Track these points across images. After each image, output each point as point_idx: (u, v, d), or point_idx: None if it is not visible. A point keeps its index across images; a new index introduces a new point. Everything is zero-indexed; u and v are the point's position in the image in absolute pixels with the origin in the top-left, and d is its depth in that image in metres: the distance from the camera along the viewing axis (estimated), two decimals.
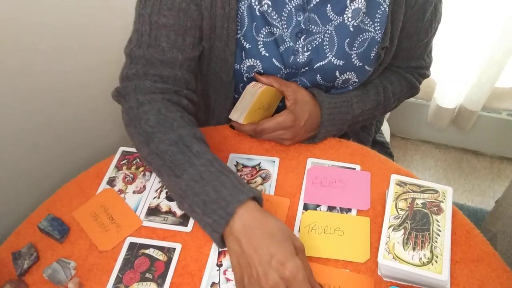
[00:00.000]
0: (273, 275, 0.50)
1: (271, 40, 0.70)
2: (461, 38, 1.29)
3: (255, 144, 0.77)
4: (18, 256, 0.62)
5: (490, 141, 1.64)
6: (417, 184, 0.62)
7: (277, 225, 0.55)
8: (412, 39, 0.76)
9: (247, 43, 0.70)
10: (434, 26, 0.76)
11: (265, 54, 0.71)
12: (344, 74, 0.73)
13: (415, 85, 0.85)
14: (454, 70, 1.37)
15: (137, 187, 0.71)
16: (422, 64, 0.84)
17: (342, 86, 0.77)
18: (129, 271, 0.61)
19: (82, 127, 1.17)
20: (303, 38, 0.70)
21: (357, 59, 0.72)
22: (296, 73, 0.74)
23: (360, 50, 0.71)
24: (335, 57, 0.71)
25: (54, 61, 1.02)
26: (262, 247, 0.52)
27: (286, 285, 0.50)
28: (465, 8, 1.24)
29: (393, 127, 1.21)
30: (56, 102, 1.06)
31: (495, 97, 1.49)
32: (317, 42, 0.70)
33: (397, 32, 0.71)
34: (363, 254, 0.61)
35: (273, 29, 0.69)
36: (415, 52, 0.80)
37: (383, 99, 0.79)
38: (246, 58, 0.72)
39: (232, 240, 0.55)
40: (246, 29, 0.70)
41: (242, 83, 0.77)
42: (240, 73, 0.74)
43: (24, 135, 0.98)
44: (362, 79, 0.77)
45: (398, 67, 0.84)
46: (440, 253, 0.55)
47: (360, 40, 0.70)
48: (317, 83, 0.75)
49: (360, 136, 0.91)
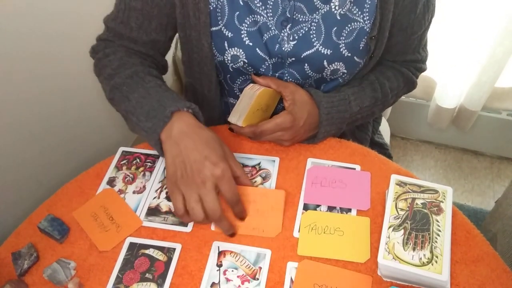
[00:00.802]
0: (205, 172, 0.59)
1: (255, 29, 0.71)
2: (461, 38, 1.29)
3: (255, 144, 0.77)
4: (18, 256, 0.62)
5: (490, 141, 1.64)
6: (417, 184, 0.62)
7: (210, 134, 0.63)
8: (405, 32, 0.76)
9: (229, 32, 0.71)
10: (427, 19, 0.76)
11: (249, 43, 0.71)
12: (333, 64, 0.73)
13: (412, 79, 0.85)
14: (454, 70, 1.37)
15: (137, 187, 0.71)
16: (418, 57, 0.84)
17: (331, 78, 0.76)
18: (129, 271, 0.61)
19: (82, 128, 1.17)
20: (289, 27, 0.70)
21: (346, 49, 0.72)
22: (283, 64, 0.74)
23: (349, 40, 0.71)
24: (322, 46, 0.71)
25: (55, 63, 1.02)
26: (198, 149, 0.61)
27: (215, 181, 0.59)
28: (465, 8, 1.24)
29: (393, 127, 1.21)
30: (56, 103, 1.06)
31: (495, 97, 1.49)
32: (303, 31, 0.70)
33: (387, 24, 0.71)
34: (363, 254, 0.61)
35: (257, 17, 0.70)
36: (410, 46, 0.80)
37: (380, 95, 0.79)
38: (229, 47, 0.72)
39: (170, 143, 0.62)
40: (227, 18, 0.70)
41: (229, 74, 0.78)
42: (225, 64, 0.75)
43: (24, 136, 0.98)
44: (352, 71, 0.76)
45: (394, 62, 0.84)
46: (440, 253, 0.55)
47: (348, 30, 0.70)
48: (306, 74, 0.75)
49: (357, 135, 0.91)
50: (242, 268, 0.60)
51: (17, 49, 0.92)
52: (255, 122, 0.74)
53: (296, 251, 0.62)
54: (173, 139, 0.62)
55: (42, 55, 0.99)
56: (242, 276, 0.60)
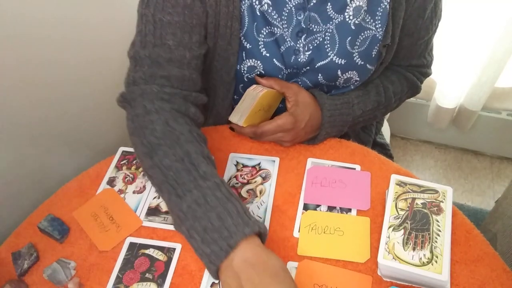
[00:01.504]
0: None
1: (272, 40, 0.70)
2: (462, 38, 1.29)
3: (255, 144, 0.77)
4: (18, 256, 0.62)
5: (490, 141, 1.64)
6: (417, 184, 0.62)
7: (279, 264, 0.51)
8: (412, 37, 0.75)
9: (248, 43, 0.70)
10: (435, 23, 0.75)
11: (266, 54, 0.70)
12: (346, 73, 0.73)
13: (416, 84, 0.85)
14: (454, 70, 1.37)
15: (137, 187, 0.71)
16: (423, 62, 0.83)
17: (344, 85, 0.76)
18: (129, 271, 0.61)
19: (82, 127, 1.16)
20: (304, 38, 0.69)
21: (359, 58, 0.72)
22: (297, 73, 0.74)
23: (362, 49, 0.71)
24: (336, 56, 0.71)
25: (54, 61, 1.02)
26: (263, 285, 0.48)
27: None
28: (465, 8, 1.24)
29: (393, 127, 1.21)
30: (56, 102, 1.06)
31: (495, 97, 1.49)
32: (318, 41, 0.70)
33: (398, 30, 0.71)
34: (363, 254, 0.61)
35: (274, 29, 0.69)
36: (416, 50, 0.80)
37: (384, 99, 0.79)
38: (246, 58, 0.71)
39: (229, 275, 0.50)
40: (247, 28, 0.69)
41: (242, 84, 0.77)
42: (241, 73, 0.74)
43: (24, 135, 0.98)
44: (364, 78, 0.76)
45: (399, 66, 0.83)
46: (440, 253, 0.55)
47: (361, 39, 0.70)
48: (319, 82, 0.75)
49: (361, 136, 0.91)
50: None
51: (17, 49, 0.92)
52: (257, 122, 0.74)
53: (296, 251, 0.62)
54: (234, 269, 0.50)
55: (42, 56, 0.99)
56: None
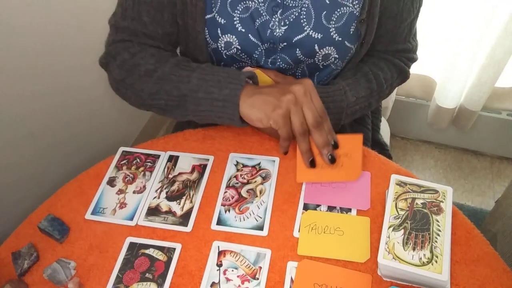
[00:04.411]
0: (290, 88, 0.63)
1: (247, 15, 0.72)
2: (462, 38, 1.29)
3: (255, 144, 0.77)
4: (18, 256, 0.62)
5: (490, 141, 1.64)
6: (417, 184, 0.62)
7: None
8: (395, 19, 0.77)
9: (222, 19, 0.72)
10: (416, 6, 0.77)
11: (242, 30, 0.72)
12: (324, 49, 0.74)
13: (404, 69, 0.86)
14: (454, 70, 1.37)
15: (137, 187, 0.71)
16: (409, 47, 0.85)
17: (324, 63, 0.77)
18: (129, 271, 0.61)
19: (82, 128, 1.17)
20: (280, 12, 0.71)
21: (336, 33, 0.73)
22: (275, 49, 0.75)
23: (339, 24, 0.72)
24: (313, 30, 0.72)
25: (54, 63, 1.02)
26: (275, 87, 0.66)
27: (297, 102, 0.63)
28: (465, 8, 1.24)
29: (393, 127, 1.21)
30: (56, 103, 1.06)
31: (495, 97, 1.49)
32: (294, 16, 0.71)
33: (377, 8, 0.72)
34: (363, 254, 0.61)
35: (249, 3, 0.71)
36: (401, 34, 0.81)
37: (375, 86, 0.80)
38: (222, 34, 0.73)
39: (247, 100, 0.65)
40: (220, 5, 0.71)
41: (223, 61, 0.79)
42: (219, 51, 0.76)
43: (24, 136, 0.98)
44: (344, 57, 0.77)
45: (385, 52, 0.85)
46: (440, 253, 0.55)
47: (338, 14, 0.71)
48: (298, 59, 0.76)
49: (354, 127, 0.92)
50: (242, 268, 0.60)
51: (16, 49, 0.92)
52: None
53: (296, 251, 0.62)
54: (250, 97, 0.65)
55: (42, 57, 0.99)
56: (242, 276, 0.60)
